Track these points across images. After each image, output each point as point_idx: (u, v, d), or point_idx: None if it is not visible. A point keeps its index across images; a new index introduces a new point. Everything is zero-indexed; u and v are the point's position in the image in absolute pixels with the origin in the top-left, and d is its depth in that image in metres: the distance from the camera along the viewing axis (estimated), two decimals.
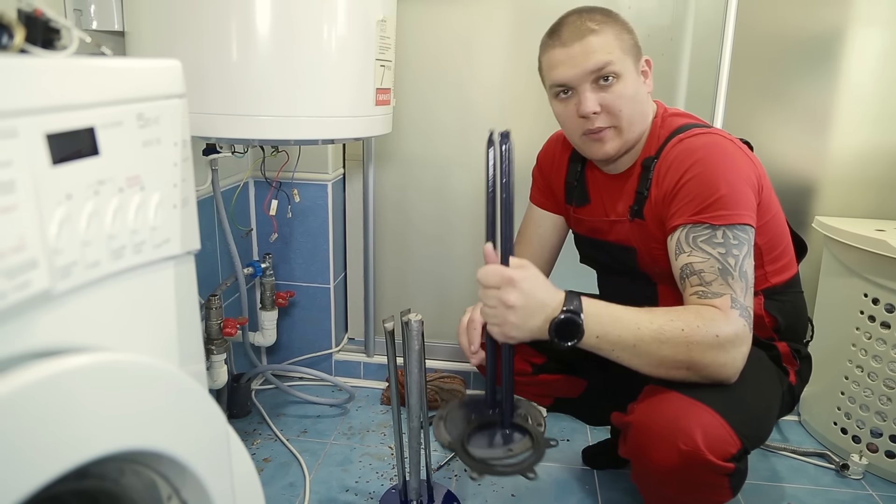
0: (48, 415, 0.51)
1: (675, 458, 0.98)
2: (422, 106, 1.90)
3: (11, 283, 0.49)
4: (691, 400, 1.01)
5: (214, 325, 1.56)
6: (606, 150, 1.18)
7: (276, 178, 1.79)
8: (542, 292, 0.99)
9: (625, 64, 1.13)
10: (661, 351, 0.99)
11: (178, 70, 0.70)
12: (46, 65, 0.54)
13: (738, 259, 1.04)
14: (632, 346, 0.99)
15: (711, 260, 1.05)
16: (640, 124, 1.18)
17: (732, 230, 1.05)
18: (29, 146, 0.51)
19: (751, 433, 1.03)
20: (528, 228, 1.45)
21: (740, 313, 1.02)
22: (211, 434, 0.70)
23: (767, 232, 1.17)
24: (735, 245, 1.05)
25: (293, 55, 1.16)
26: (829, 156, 1.78)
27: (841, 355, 1.66)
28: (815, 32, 1.70)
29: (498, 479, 1.58)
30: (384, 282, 2.08)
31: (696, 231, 1.07)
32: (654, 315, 1.00)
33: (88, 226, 0.57)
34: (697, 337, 0.98)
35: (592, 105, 1.13)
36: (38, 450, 0.51)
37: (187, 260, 0.74)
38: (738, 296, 1.03)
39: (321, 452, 1.68)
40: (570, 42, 1.13)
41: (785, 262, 1.23)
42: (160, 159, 0.67)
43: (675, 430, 0.99)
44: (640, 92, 1.16)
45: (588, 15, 1.14)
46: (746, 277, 1.04)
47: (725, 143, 1.11)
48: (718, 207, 1.05)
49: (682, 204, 1.09)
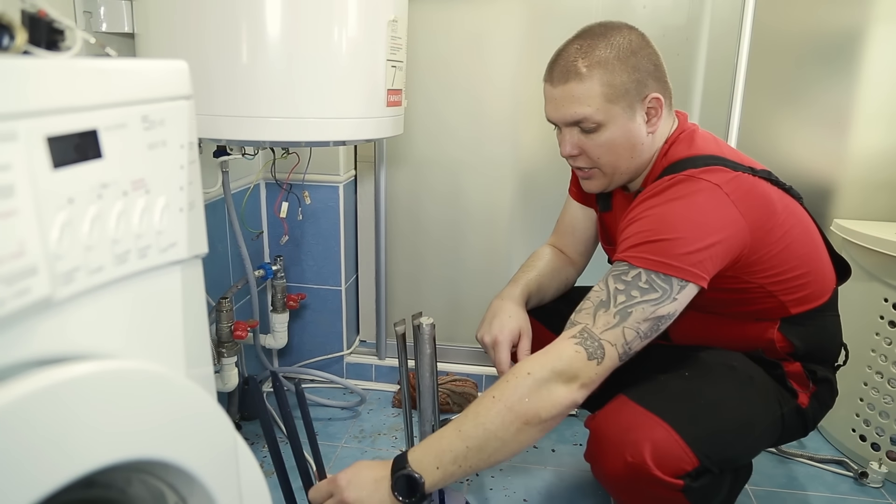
0: (51, 424, 0.50)
1: (622, 469, 0.99)
2: (433, 108, 1.88)
3: (10, 289, 0.48)
4: (648, 413, 1.00)
5: (225, 327, 1.55)
6: (590, 187, 1.20)
7: (286, 180, 1.78)
8: (368, 474, 0.99)
9: (610, 113, 1.08)
10: (491, 432, 0.96)
11: (184, 71, 0.69)
12: (48, 66, 0.52)
13: (632, 300, 0.98)
14: (465, 449, 0.96)
15: (602, 292, 1.01)
16: (629, 164, 1.14)
17: (650, 275, 0.99)
18: (29, 149, 0.50)
19: (714, 452, 1.00)
20: (565, 219, 1.45)
21: (578, 342, 0.97)
22: (218, 442, 0.69)
23: (771, 269, 1.09)
24: (641, 288, 0.98)
25: (304, 56, 1.15)
26: (848, 157, 1.75)
27: (860, 361, 1.63)
28: (835, 30, 1.67)
29: (510, 484, 1.56)
30: (396, 284, 2.07)
31: (617, 267, 1.03)
32: (470, 406, 0.99)
33: (91, 230, 0.56)
34: (511, 394, 0.96)
35: (568, 149, 1.14)
36: (42, 459, 0.50)
37: (195, 264, 0.73)
38: (593, 327, 0.98)
39: (332, 455, 1.66)
40: (556, 82, 1.11)
41: (810, 292, 1.15)
42: (166, 162, 0.66)
43: (624, 442, 0.99)
44: (634, 136, 1.11)
45: (585, 50, 1.08)
46: (626, 317, 0.98)
47: (702, 192, 1.03)
48: (648, 250, 1.00)
49: (623, 239, 1.06)
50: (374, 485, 0.98)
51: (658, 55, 1.12)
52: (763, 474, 1.61)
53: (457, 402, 1.86)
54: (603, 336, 0.98)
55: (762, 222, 1.07)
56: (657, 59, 1.12)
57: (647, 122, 1.11)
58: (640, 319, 0.98)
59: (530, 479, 1.59)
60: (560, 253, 1.43)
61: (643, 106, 1.10)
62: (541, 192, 1.88)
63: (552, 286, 1.38)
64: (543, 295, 1.37)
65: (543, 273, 1.37)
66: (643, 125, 1.11)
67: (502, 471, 1.62)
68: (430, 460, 0.97)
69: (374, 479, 0.98)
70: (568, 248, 1.44)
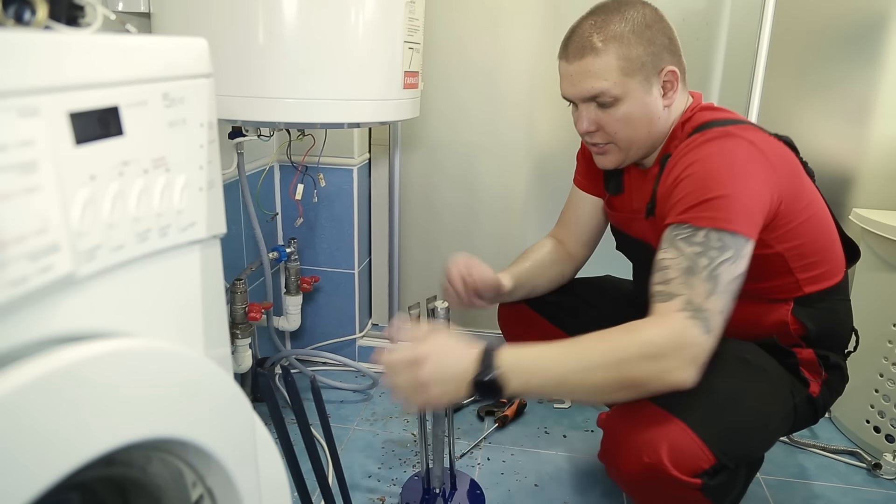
0: (73, 402, 0.50)
1: (638, 470, 0.97)
2: (448, 90, 1.87)
3: (34, 266, 0.48)
4: (663, 412, 0.98)
5: (239, 309, 1.55)
6: (605, 163, 1.20)
7: (301, 162, 1.78)
8: (453, 358, 0.97)
9: (627, 86, 1.08)
10: (591, 378, 0.94)
11: (204, 49, 0.69)
12: (70, 41, 0.52)
13: (714, 261, 0.97)
14: (561, 381, 0.95)
15: (681, 259, 0.98)
16: (646, 139, 1.14)
17: (717, 233, 0.97)
18: (51, 125, 0.49)
19: (731, 449, 0.99)
20: (569, 209, 1.44)
21: (689, 315, 0.94)
22: (236, 421, 0.69)
23: (793, 239, 1.09)
24: (716, 248, 0.97)
25: (320, 37, 1.15)
26: (868, 146, 1.73)
27: (876, 352, 1.61)
28: (859, 17, 1.64)
29: (521, 469, 1.56)
30: (409, 267, 2.07)
31: (679, 230, 1.01)
32: (577, 344, 0.96)
33: (113, 208, 0.56)
34: (626, 355, 0.93)
35: (585, 125, 1.14)
36: (64, 437, 0.50)
37: (213, 244, 0.73)
38: (695, 297, 0.95)
39: (344, 438, 1.67)
40: (572, 58, 1.10)
41: (824, 270, 1.14)
42: (186, 140, 0.65)
43: (640, 442, 0.97)
44: (651, 110, 1.11)
45: (600, 25, 1.08)
46: (717, 280, 0.96)
47: (739, 147, 1.03)
48: (707, 208, 0.99)
49: (675, 202, 1.04)
50: (455, 375, 0.95)
51: (672, 29, 1.12)
52: (775, 464, 1.60)
53: None
54: (708, 305, 0.95)
55: (792, 185, 1.07)
56: (671, 33, 1.12)
57: (664, 95, 1.12)
58: (728, 280, 0.96)
59: (542, 464, 1.59)
60: (560, 246, 1.42)
61: (659, 79, 1.10)
62: (556, 176, 1.87)
63: (545, 277, 1.38)
64: (535, 285, 1.37)
65: (537, 264, 1.38)
66: (659, 98, 1.11)
67: (513, 455, 1.62)
68: (520, 374, 0.94)
69: (457, 372, 0.95)
70: (570, 239, 1.43)
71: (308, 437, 1.19)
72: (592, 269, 1.48)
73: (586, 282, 1.48)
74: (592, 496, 1.49)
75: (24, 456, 0.47)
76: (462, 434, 1.70)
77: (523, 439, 1.70)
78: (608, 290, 1.47)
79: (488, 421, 1.76)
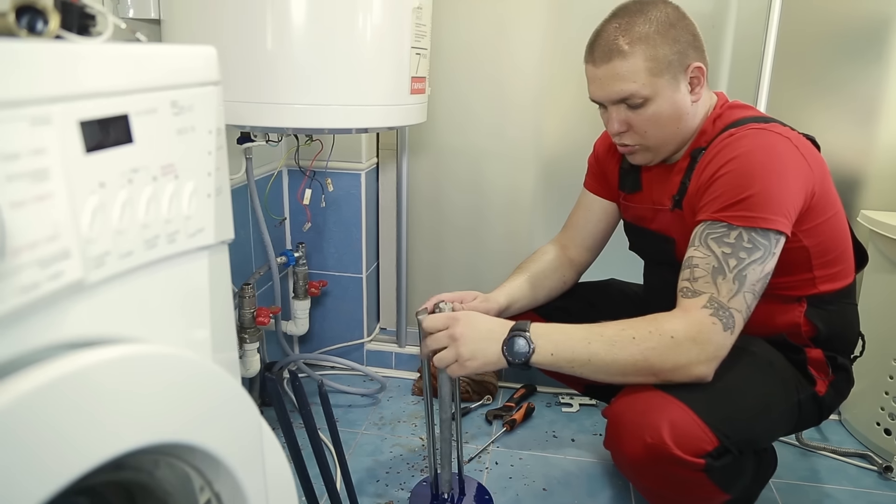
0: (82, 407, 0.51)
1: (641, 451, 0.99)
2: (456, 95, 1.87)
3: (45, 272, 0.49)
4: (665, 395, 1.01)
5: (247, 313, 1.56)
6: (637, 160, 1.22)
7: (309, 167, 1.79)
8: (486, 322, 1.09)
9: (656, 86, 1.09)
10: (617, 362, 1.01)
11: (212, 57, 0.69)
12: (81, 51, 0.53)
13: (742, 262, 1.00)
14: (587, 360, 1.02)
15: (710, 258, 1.02)
16: (676, 135, 1.16)
17: (750, 233, 1.01)
18: (62, 133, 0.50)
19: (734, 433, 1.01)
20: (577, 213, 1.45)
21: (712, 312, 0.99)
22: (243, 426, 0.69)
23: (819, 234, 1.12)
24: (746, 248, 1.01)
25: (328, 43, 1.15)
26: (876, 147, 1.72)
27: (885, 354, 1.60)
28: (866, 18, 1.64)
29: (529, 473, 1.56)
30: (417, 272, 2.07)
31: (713, 228, 1.04)
32: (604, 328, 1.03)
33: (122, 215, 0.57)
34: (650, 342, 0.99)
35: (617, 127, 1.15)
36: (73, 442, 0.50)
37: (221, 250, 0.74)
38: (720, 296, 1.00)
39: (352, 442, 1.68)
40: (599, 62, 1.12)
41: (839, 270, 1.17)
42: (194, 147, 0.66)
43: (642, 424, 1.00)
44: (680, 107, 1.13)
45: (625, 27, 1.09)
46: (743, 280, 1.00)
47: (776, 142, 1.06)
48: (743, 208, 1.02)
49: (710, 199, 1.06)
50: (487, 332, 1.07)
51: (695, 25, 1.14)
52: (786, 467, 1.59)
53: (476, 391, 1.87)
54: (731, 304, 1.00)
55: (823, 182, 1.10)
56: (695, 30, 1.13)
57: (692, 91, 1.13)
58: (754, 281, 1.01)
59: (550, 468, 1.59)
60: (562, 252, 1.43)
61: (686, 76, 1.12)
62: (564, 180, 1.87)
63: (545, 287, 1.39)
64: (533, 297, 1.38)
65: (534, 275, 1.38)
66: (687, 95, 1.13)
67: (521, 459, 1.62)
68: (548, 344, 1.04)
69: (489, 328, 1.08)
70: (575, 243, 1.43)
71: (316, 442, 1.20)
72: (596, 274, 1.49)
73: (592, 286, 1.48)
74: (601, 500, 1.48)
75: (34, 460, 0.47)
76: (470, 438, 1.70)
77: (532, 443, 1.69)
78: (614, 293, 1.47)
79: (496, 424, 1.76)
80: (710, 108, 1.18)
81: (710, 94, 1.20)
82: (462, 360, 1.06)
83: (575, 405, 1.86)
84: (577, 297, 1.44)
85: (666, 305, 1.07)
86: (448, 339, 1.07)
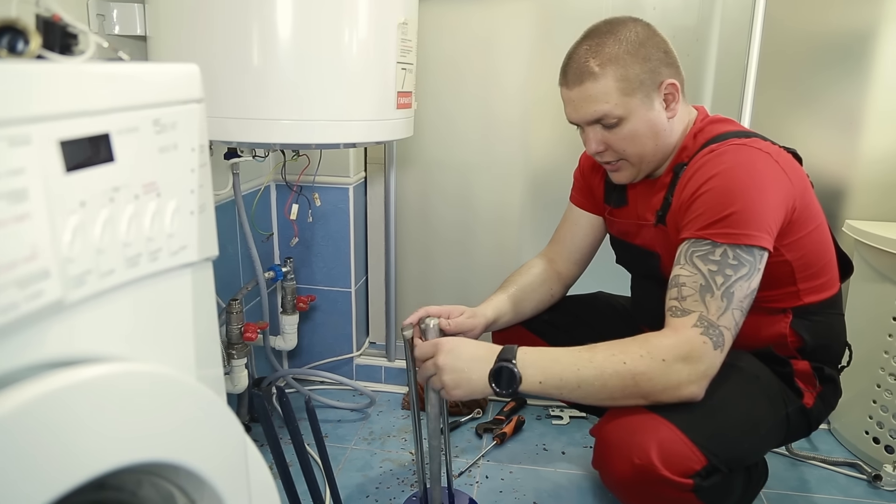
0: (62, 427, 0.51)
1: (629, 472, 0.99)
2: (443, 109, 1.88)
3: (23, 293, 0.48)
4: (653, 415, 1.00)
5: (235, 329, 1.56)
6: (620, 179, 1.22)
7: (297, 182, 1.79)
8: (471, 350, 1.07)
9: (628, 106, 1.11)
10: (607, 387, 1.00)
11: (195, 74, 0.70)
12: (60, 70, 0.53)
13: (729, 279, 1.01)
14: (576, 386, 1.01)
15: (697, 276, 1.02)
16: (655, 152, 1.16)
17: (735, 250, 1.01)
18: (42, 153, 0.50)
19: (722, 451, 1.01)
20: (563, 227, 1.45)
21: (702, 331, 0.99)
22: (227, 444, 0.69)
23: (801, 248, 1.12)
24: (731, 265, 1.01)
25: (314, 59, 1.16)
26: (860, 158, 1.74)
27: (873, 363, 1.61)
28: (846, 30, 1.66)
29: (520, 487, 1.56)
30: (405, 286, 2.07)
31: (697, 245, 1.04)
32: (594, 353, 1.02)
33: (103, 234, 0.57)
34: (641, 367, 0.99)
35: (594, 147, 1.17)
36: (53, 462, 0.50)
37: (205, 267, 0.73)
38: (709, 314, 1.00)
39: (342, 458, 1.67)
40: (572, 84, 1.14)
41: (823, 281, 1.17)
42: (177, 165, 0.66)
43: (630, 444, 0.99)
44: (656, 124, 1.13)
45: (595, 49, 1.11)
46: (731, 298, 1.00)
47: (756, 157, 1.07)
48: (726, 225, 1.02)
49: (694, 216, 1.07)
50: (472, 362, 1.05)
51: (666, 42, 1.14)
52: (775, 477, 1.60)
53: (466, 405, 1.86)
54: (720, 322, 1.00)
55: (804, 195, 1.11)
56: (666, 46, 1.14)
57: (667, 107, 1.14)
58: (741, 297, 1.01)
59: (540, 481, 1.59)
60: (549, 266, 1.43)
61: (660, 93, 1.12)
62: (551, 193, 1.88)
63: (531, 300, 1.39)
64: (520, 311, 1.37)
65: (521, 288, 1.38)
66: (662, 111, 1.14)
67: (512, 473, 1.62)
68: (536, 372, 1.02)
69: (474, 357, 1.06)
70: (562, 257, 1.43)
71: (303, 458, 1.19)
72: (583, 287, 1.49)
73: (579, 299, 1.48)
74: None
75: (13, 481, 0.47)
76: (460, 452, 1.70)
77: (522, 456, 1.69)
78: (601, 306, 1.47)
79: (486, 438, 1.76)
80: (690, 123, 1.19)
81: (689, 108, 1.21)
82: (448, 390, 1.05)
83: (565, 418, 1.86)
84: (565, 311, 1.44)
85: (653, 318, 1.08)
86: (433, 367, 1.07)
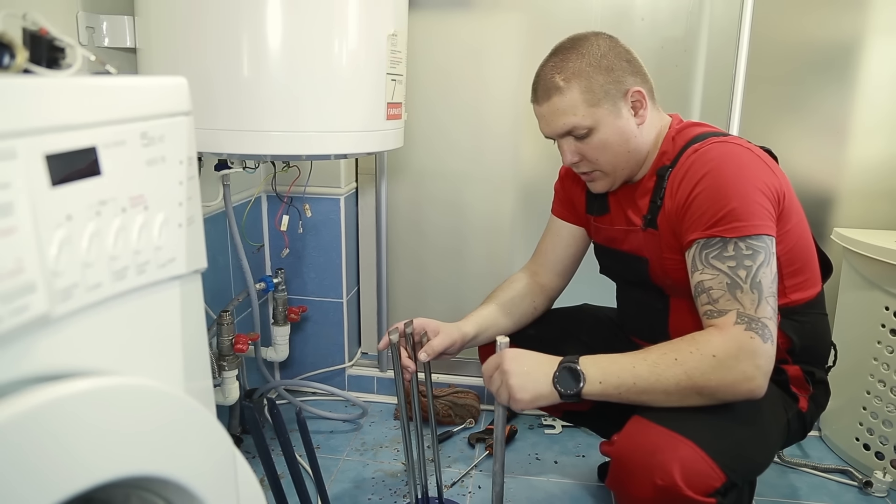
0: (49, 441, 0.50)
1: (651, 494, 0.97)
2: (433, 120, 1.89)
3: (8, 307, 0.48)
4: (671, 433, 0.99)
5: (226, 341, 1.55)
6: (597, 188, 1.25)
7: (287, 193, 1.79)
8: (534, 357, 1.08)
9: (596, 116, 1.13)
10: (662, 385, 1.00)
11: (183, 87, 0.70)
12: (46, 84, 0.53)
13: (751, 270, 1.02)
14: (632, 384, 1.01)
15: (720, 276, 1.04)
16: (628, 159, 1.18)
17: (745, 241, 1.03)
18: (28, 167, 0.50)
19: (739, 466, 1.00)
20: (546, 239, 1.45)
21: (746, 327, 1.00)
22: (216, 458, 0.69)
23: (787, 241, 1.13)
24: (748, 256, 1.03)
25: (304, 70, 1.16)
26: (847, 166, 1.75)
27: (862, 370, 1.62)
28: (833, 41, 1.68)
29: (512, 496, 1.56)
30: (398, 296, 2.07)
31: (709, 246, 1.06)
32: (648, 353, 1.03)
33: (89, 247, 0.57)
34: (693, 363, 0.99)
35: (570, 157, 1.19)
36: (40, 476, 0.50)
37: (194, 279, 0.73)
38: (746, 309, 1.01)
39: (334, 469, 1.66)
40: (541, 100, 1.17)
41: (806, 278, 1.19)
42: (165, 178, 0.66)
43: (651, 465, 0.97)
44: (626, 132, 1.16)
45: (560, 65, 1.14)
46: (760, 288, 1.01)
47: (740, 152, 1.09)
48: (730, 220, 1.04)
49: (695, 218, 1.08)
50: (536, 366, 1.06)
51: (629, 51, 1.17)
52: (767, 484, 1.60)
53: (458, 414, 1.86)
54: (759, 315, 1.01)
55: (787, 189, 1.13)
56: (629, 55, 1.17)
57: (635, 114, 1.16)
58: (769, 284, 1.03)
59: (533, 490, 1.59)
60: (533, 279, 1.42)
61: (626, 101, 1.15)
62: (542, 201, 1.88)
63: (514, 314, 1.38)
64: (505, 323, 1.37)
65: (503, 302, 1.37)
66: (631, 118, 1.16)
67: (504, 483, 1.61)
68: (597, 372, 1.03)
69: (538, 362, 1.07)
70: (545, 269, 1.43)
71: (295, 469, 1.19)
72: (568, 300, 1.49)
73: (564, 312, 1.47)
74: None
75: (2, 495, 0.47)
76: (453, 462, 1.70)
77: (514, 466, 1.69)
78: (588, 318, 1.46)
79: (479, 448, 1.76)
80: (665, 128, 1.21)
81: (662, 115, 1.23)
82: (514, 393, 1.04)
83: (557, 427, 1.85)
84: (550, 324, 1.43)
85: (640, 327, 1.08)
86: (498, 375, 1.07)
